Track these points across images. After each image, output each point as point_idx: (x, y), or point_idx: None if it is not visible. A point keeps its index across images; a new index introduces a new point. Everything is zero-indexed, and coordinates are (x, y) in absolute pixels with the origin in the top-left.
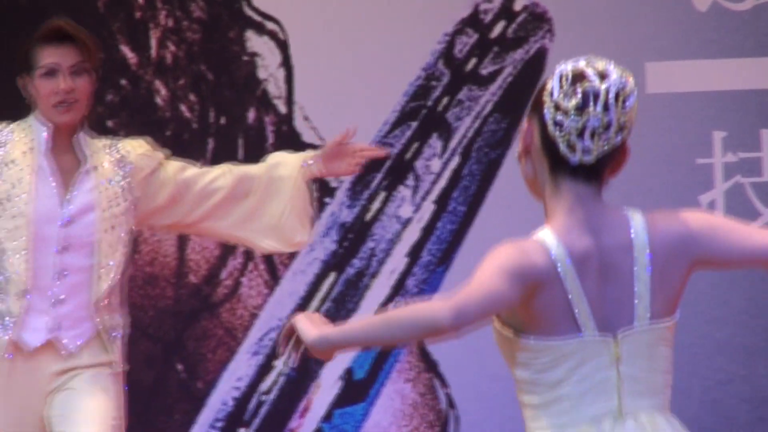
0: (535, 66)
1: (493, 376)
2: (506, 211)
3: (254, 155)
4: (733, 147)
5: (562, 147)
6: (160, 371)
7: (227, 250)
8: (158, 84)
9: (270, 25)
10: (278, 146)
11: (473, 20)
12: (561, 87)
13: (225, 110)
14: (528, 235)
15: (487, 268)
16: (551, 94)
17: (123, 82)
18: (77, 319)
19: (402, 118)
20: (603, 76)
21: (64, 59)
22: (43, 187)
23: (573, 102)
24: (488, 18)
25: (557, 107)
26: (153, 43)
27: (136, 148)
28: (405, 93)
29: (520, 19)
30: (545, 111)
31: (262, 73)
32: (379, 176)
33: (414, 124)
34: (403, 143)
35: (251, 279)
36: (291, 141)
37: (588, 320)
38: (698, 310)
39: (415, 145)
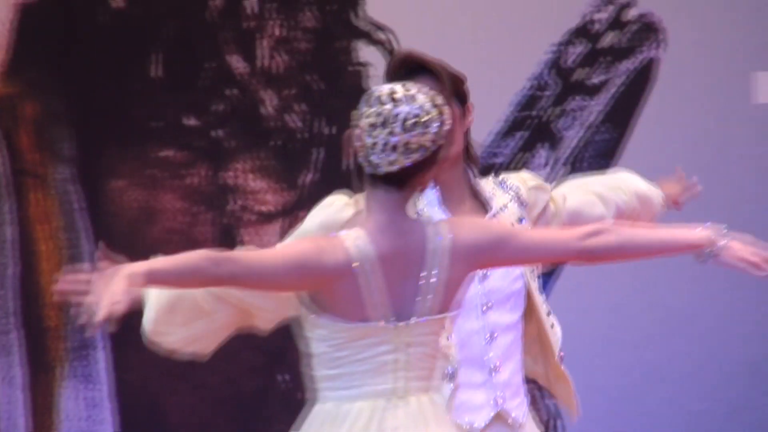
0: (646, 76)
1: (595, 387)
2: None
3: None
4: None
5: (360, 158)
6: (263, 381)
7: None
8: (267, 94)
9: (380, 35)
10: None
11: (583, 30)
12: (364, 106)
13: (334, 120)
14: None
15: (283, 251)
16: (358, 111)
17: (231, 91)
18: (517, 384)
19: (510, 128)
20: (397, 101)
21: None
22: None
23: (367, 121)
24: (598, 28)
25: (358, 124)
26: (262, 53)
27: (526, 181)
28: (513, 103)
29: (630, 28)
30: (354, 124)
31: (371, 83)
32: None
33: (522, 134)
34: (511, 153)
35: None
36: None
37: (379, 311)
38: None
39: (523, 155)
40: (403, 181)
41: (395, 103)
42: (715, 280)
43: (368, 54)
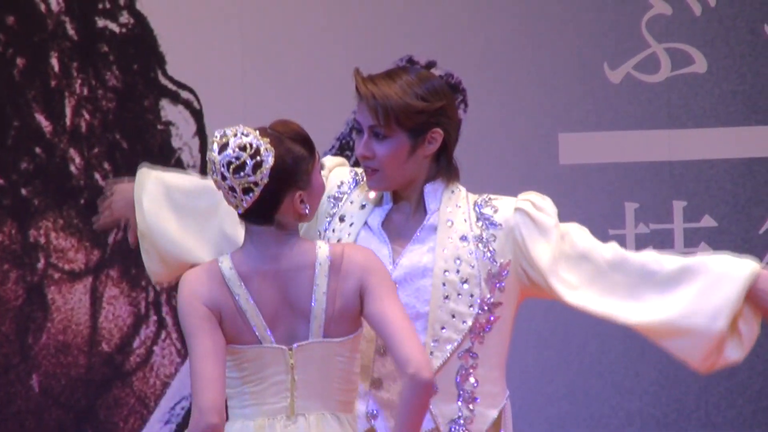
0: None
1: None
2: None
3: None
4: (645, 218)
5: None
6: None
7: (139, 318)
8: (73, 152)
9: (185, 94)
10: None
11: None
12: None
13: None
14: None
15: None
16: None
17: (37, 150)
18: None
19: None
20: (222, 147)
21: (364, 118)
22: (366, 245)
23: (208, 166)
24: None
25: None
26: (68, 111)
27: (517, 202)
28: None
29: None
30: None
31: (176, 142)
32: None
33: None
34: None
35: (164, 348)
36: None
37: (265, 333)
38: (609, 381)
39: None
40: (260, 218)
41: (220, 149)
42: None
43: (174, 113)
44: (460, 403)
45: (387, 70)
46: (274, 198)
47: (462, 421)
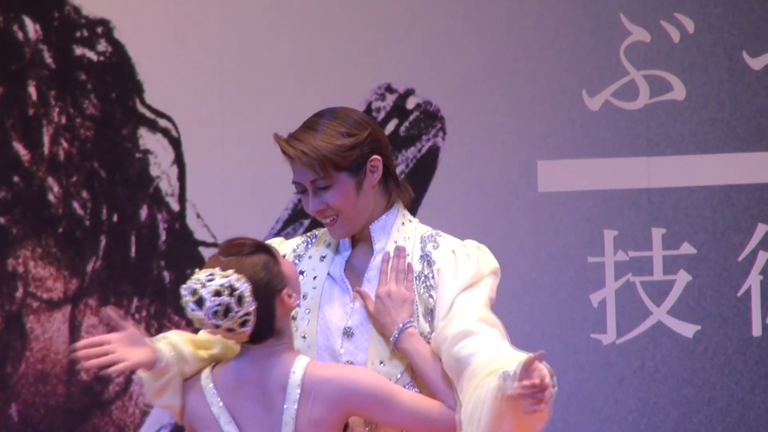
0: (428, 164)
1: None
2: None
3: (146, 253)
4: (624, 246)
5: None
6: None
7: None
8: (51, 181)
9: (163, 123)
10: (170, 243)
11: None
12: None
13: (117, 207)
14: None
15: None
16: None
17: (15, 178)
18: None
19: (294, 216)
20: (198, 303)
21: (302, 177)
22: (330, 295)
23: (194, 324)
24: (380, 116)
25: None
26: (46, 139)
27: (457, 245)
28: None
29: (412, 117)
30: None
31: (154, 171)
32: None
33: (306, 222)
34: None
35: None
36: (183, 238)
37: None
38: (590, 408)
39: None
40: (264, 333)
41: (195, 310)
42: None
43: (153, 142)
44: None
45: (304, 123)
46: (269, 311)
47: None
